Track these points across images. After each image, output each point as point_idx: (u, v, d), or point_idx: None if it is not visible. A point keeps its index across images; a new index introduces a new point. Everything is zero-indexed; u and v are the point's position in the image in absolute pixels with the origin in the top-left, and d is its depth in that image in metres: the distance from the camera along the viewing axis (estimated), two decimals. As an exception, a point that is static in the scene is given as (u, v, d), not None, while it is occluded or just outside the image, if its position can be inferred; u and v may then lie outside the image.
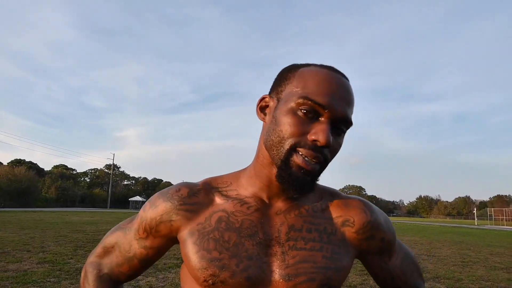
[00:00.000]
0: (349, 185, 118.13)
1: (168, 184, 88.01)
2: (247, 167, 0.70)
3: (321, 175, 0.63)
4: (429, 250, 11.00)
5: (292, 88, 0.61)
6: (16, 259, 6.67)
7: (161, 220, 0.67)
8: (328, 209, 0.68)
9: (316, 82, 0.59)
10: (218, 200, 0.67)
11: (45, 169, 74.40)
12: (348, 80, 0.64)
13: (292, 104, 0.60)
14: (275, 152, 0.60)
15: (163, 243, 0.69)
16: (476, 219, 52.71)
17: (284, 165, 0.59)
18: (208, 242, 0.62)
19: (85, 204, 70.68)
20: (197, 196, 0.67)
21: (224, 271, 0.59)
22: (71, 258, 7.06)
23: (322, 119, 0.59)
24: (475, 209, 58.32)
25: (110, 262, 0.73)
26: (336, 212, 0.68)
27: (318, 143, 0.57)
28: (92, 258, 0.76)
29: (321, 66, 0.64)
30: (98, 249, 0.76)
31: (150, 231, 0.68)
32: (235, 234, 0.62)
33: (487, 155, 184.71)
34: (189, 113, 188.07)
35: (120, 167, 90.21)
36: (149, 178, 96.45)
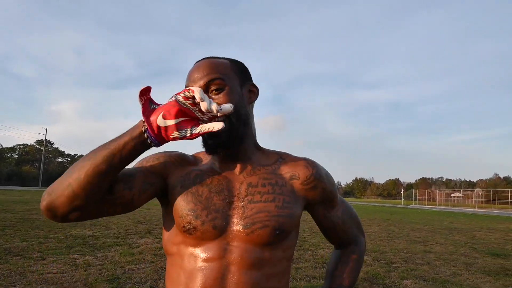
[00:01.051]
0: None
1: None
2: None
3: (248, 131, 0.83)
4: (360, 227, 11.96)
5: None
6: None
7: (158, 159, 0.82)
8: (279, 168, 0.84)
9: (186, 78, 0.81)
10: (198, 162, 0.85)
11: (-36, 143, 66.84)
12: (212, 58, 0.82)
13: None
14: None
15: (158, 183, 0.80)
16: (403, 199, 57.83)
17: (202, 139, 0.79)
18: (187, 194, 0.77)
19: (12, 182, 65.04)
20: (185, 157, 0.85)
21: (197, 220, 0.74)
22: (-2, 239, 6.60)
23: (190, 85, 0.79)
24: (402, 190, 63.79)
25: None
26: (285, 170, 0.84)
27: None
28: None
29: (196, 62, 0.83)
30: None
31: (155, 168, 0.81)
32: (207, 190, 0.78)
33: (415, 141, 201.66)
34: (133, 88, 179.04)
35: (53, 143, 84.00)
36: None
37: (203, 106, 0.68)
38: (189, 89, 0.68)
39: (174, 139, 0.68)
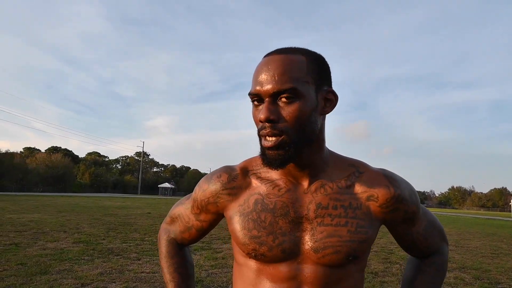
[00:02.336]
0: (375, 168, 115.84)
1: (196, 171, 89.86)
2: None
3: (318, 143, 0.73)
4: (458, 241, 10.73)
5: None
6: (53, 239, 7.14)
7: (208, 201, 0.81)
8: (353, 185, 0.74)
9: (253, 76, 0.70)
10: (254, 182, 0.77)
11: (80, 156, 77.75)
12: (285, 53, 0.69)
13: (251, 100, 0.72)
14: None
15: (213, 218, 0.84)
16: (512, 211, 50.42)
17: (261, 150, 0.70)
18: (248, 222, 0.73)
19: (117, 189, 73.46)
20: (235, 181, 0.78)
21: (263, 246, 0.71)
22: (104, 239, 7.46)
23: (260, 102, 0.69)
24: (511, 201, 55.71)
25: (175, 229, 0.91)
26: (361, 188, 0.74)
27: (261, 121, 0.67)
28: (164, 225, 0.95)
29: (266, 54, 0.72)
30: (168, 219, 0.94)
31: (201, 208, 0.83)
32: (270, 215, 0.73)
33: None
34: (217, 102, 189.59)
35: (149, 154, 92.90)
36: (177, 166, 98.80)
37: None
38: None
39: None
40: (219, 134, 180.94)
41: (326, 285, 0.71)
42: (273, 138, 0.66)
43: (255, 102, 0.70)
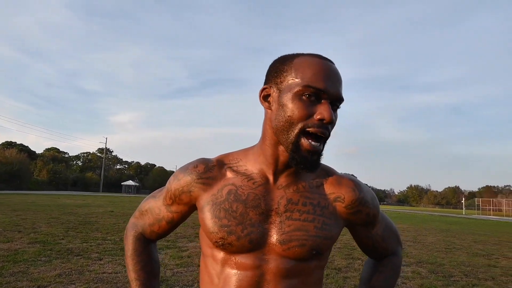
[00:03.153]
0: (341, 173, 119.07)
1: (161, 169, 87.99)
2: (254, 145, 0.81)
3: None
4: (415, 237, 11.26)
5: (292, 78, 0.71)
6: (7, 239, 6.72)
7: (182, 190, 0.81)
8: (322, 185, 0.80)
9: (312, 71, 0.70)
10: (229, 174, 0.79)
11: (37, 152, 73.80)
12: (334, 65, 0.75)
13: (296, 91, 0.69)
14: (285, 136, 0.71)
15: (185, 209, 0.84)
16: (464, 208, 53.73)
17: (296, 148, 0.70)
18: (219, 211, 0.75)
19: (77, 187, 70.44)
20: (211, 171, 0.80)
21: (231, 235, 0.73)
22: (62, 239, 7.13)
23: (323, 101, 0.70)
24: (463, 199, 59.26)
25: (143, 223, 0.90)
26: (329, 189, 0.80)
27: (324, 121, 0.68)
28: (132, 219, 0.94)
29: (311, 55, 0.74)
30: (136, 213, 0.93)
31: (174, 199, 0.83)
32: (242, 205, 0.75)
33: (478, 147, 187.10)
34: (185, 99, 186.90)
35: (112, 151, 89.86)
36: (142, 163, 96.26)
37: None
38: None
39: None
40: (187, 131, 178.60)
41: (288, 277, 0.74)
42: (322, 144, 0.71)
43: (311, 98, 0.70)
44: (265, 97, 0.77)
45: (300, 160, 0.70)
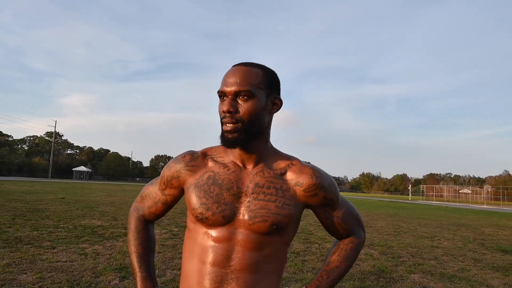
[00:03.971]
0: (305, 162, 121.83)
1: (116, 154, 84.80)
2: None
3: (265, 135, 0.97)
4: (367, 221, 11.91)
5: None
6: None
7: (173, 176, 1.01)
8: (286, 173, 0.97)
9: (222, 78, 0.93)
10: (210, 163, 0.98)
11: (-24, 134, 67.94)
12: (247, 64, 0.94)
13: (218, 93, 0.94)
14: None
15: (176, 192, 1.03)
16: (410, 195, 57.49)
17: (221, 133, 0.92)
18: (200, 192, 0.94)
19: (23, 173, 66.01)
20: (196, 161, 1.00)
21: (208, 211, 0.91)
22: (9, 227, 6.71)
23: (224, 98, 0.92)
24: (410, 186, 63.33)
25: (144, 206, 1.09)
26: (291, 176, 0.96)
27: (223, 111, 0.90)
28: (134, 204, 1.13)
29: (234, 64, 0.96)
30: (138, 198, 1.12)
31: (167, 184, 1.03)
32: (218, 188, 0.93)
33: (424, 137, 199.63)
34: (142, 82, 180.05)
35: (62, 135, 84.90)
36: (95, 148, 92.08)
37: None
38: None
39: None
40: (144, 115, 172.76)
41: (253, 248, 0.90)
42: (231, 125, 0.89)
43: (221, 98, 0.92)
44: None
45: (222, 139, 0.92)
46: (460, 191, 63.41)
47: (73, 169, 68.37)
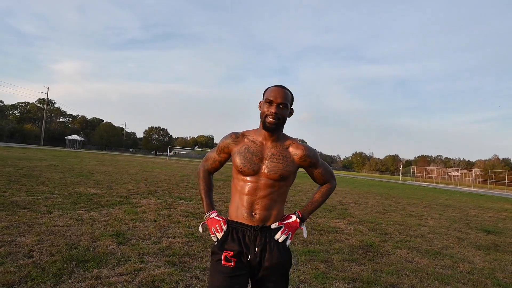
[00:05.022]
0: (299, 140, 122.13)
1: (109, 124, 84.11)
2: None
3: (283, 127, 1.64)
4: (357, 199, 12.18)
5: (264, 97, 1.60)
6: None
7: (224, 146, 1.68)
8: (289, 147, 1.63)
9: (269, 92, 1.60)
10: (246, 140, 1.64)
11: (-34, 98, 66.58)
12: (285, 88, 1.61)
13: (264, 101, 1.59)
14: (262, 119, 1.59)
15: (226, 156, 1.71)
16: (401, 175, 58.40)
17: (264, 123, 1.58)
18: (240, 156, 1.60)
19: (14, 139, 65.46)
20: (238, 138, 1.66)
21: (244, 167, 1.58)
22: (5, 192, 6.76)
23: (272, 103, 1.56)
24: (401, 166, 64.27)
25: (207, 164, 1.79)
26: (292, 150, 1.63)
27: (272, 112, 1.55)
28: (201, 163, 1.82)
29: (272, 86, 1.62)
30: (204, 159, 1.81)
31: (221, 150, 1.70)
32: (250, 154, 1.59)
33: (418, 119, 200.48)
34: (137, 51, 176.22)
35: (55, 102, 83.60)
36: (88, 117, 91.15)
37: (214, 239, 1.62)
38: (214, 235, 1.60)
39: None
40: (138, 85, 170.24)
41: (269, 187, 1.58)
42: (274, 120, 1.55)
43: (268, 103, 1.56)
44: (259, 105, 1.64)
45: (265, 126, 1.58)
46: (449, 173, 64.59)
47: (65, 137, 67.88)
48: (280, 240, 1.57)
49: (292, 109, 1.65)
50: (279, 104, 1.54)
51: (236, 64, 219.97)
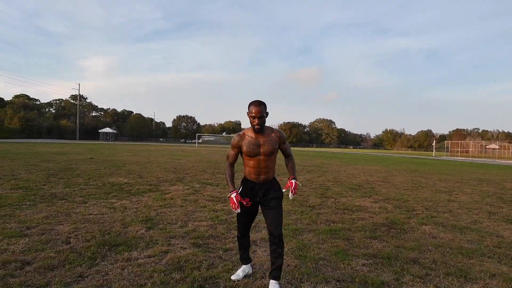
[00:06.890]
0: (320, 118, 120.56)
1: (139, 116, 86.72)
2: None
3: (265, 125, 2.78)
4: (386, 177, 11.99)
5: (248, 112, 2.67)
6: (-12, 186, 6.76)
7: (236, 144, 2.80)
8: (271, 134, 2.77)
9: (251, 109, 2.66)
10: (246, 136, 2.75)
11: (5, 99, 70.45)
12: (260, 104, 2.66)
13: (249, 115, 2.67)
14: (252, 125, 2.69)
15: (238, 151, 2.81)
16: (434, 151, 56.47)
17: (253, 128, 2.69)
18: (246, 146, 2.73)
19: (52, 135, 68.85)
20: (241, 136, 2.78)
21: (249, 152, 2.73)
22: (45, 185, 7.24)
23: (255, 118, 2.65)
24: (434, 141, 62.05)
25: (228, 159, 2.85)
26: (273, 135, 2.77)
27: (256, 122, 2.65)
28: (226, 160, 2.88)
29: (253, 103, 2.67)
30: (226, 158, 2.88)
31: (235, 146, 2.80)
32: (251, 144, 2.73)
33: (451, 91, 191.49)
34: (160, 42, 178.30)
35: (86, 97, 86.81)
36: (119, 110, 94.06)
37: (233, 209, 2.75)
38: (235, 207, 2.69)
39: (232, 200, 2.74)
40: (162, 76, 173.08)
41: (266, 160, 2.74)
42: (258, 126, 2.65)
43: (252, 117, 2.63)
44: (248, 115, 2.69)
45: (254, 130, 2.69)
46: (487, 147, 61.70)
47: (99, 130, 70.65)
48: (290, 198, 2.75)
49: (267, 112, 2.68)
50: (259, 117, 2.61)
51: (259, 47, 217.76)
